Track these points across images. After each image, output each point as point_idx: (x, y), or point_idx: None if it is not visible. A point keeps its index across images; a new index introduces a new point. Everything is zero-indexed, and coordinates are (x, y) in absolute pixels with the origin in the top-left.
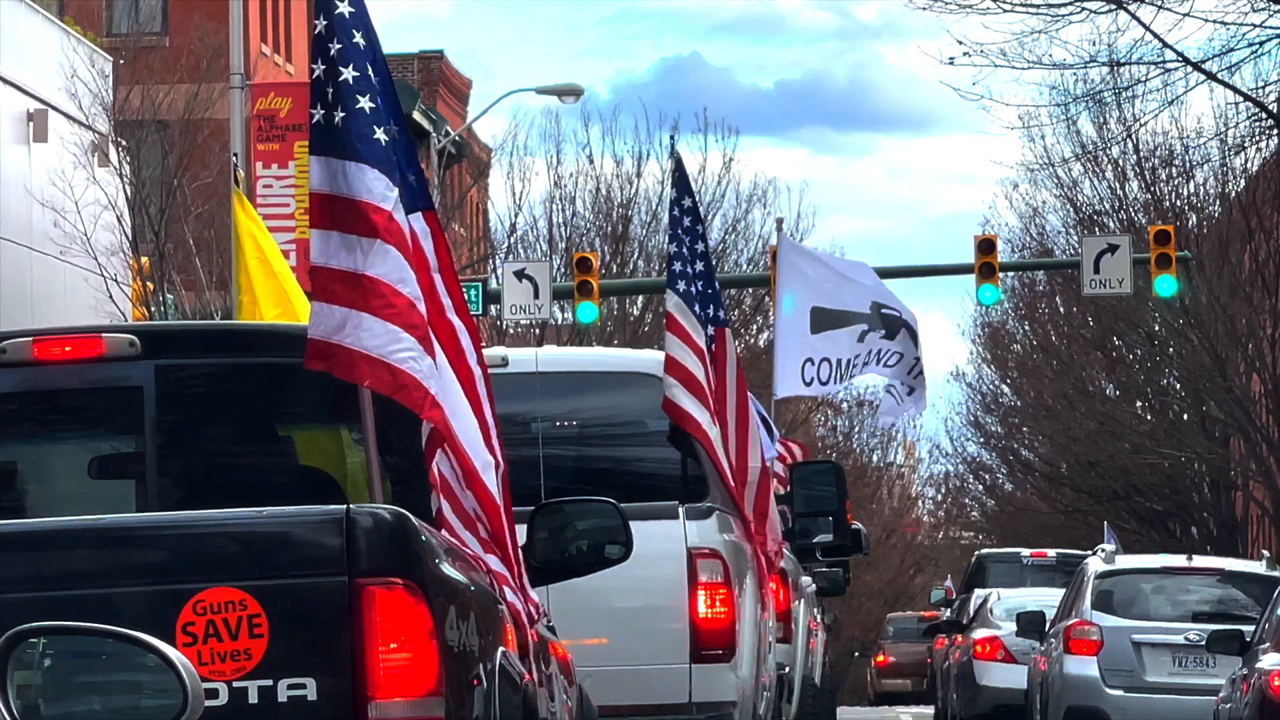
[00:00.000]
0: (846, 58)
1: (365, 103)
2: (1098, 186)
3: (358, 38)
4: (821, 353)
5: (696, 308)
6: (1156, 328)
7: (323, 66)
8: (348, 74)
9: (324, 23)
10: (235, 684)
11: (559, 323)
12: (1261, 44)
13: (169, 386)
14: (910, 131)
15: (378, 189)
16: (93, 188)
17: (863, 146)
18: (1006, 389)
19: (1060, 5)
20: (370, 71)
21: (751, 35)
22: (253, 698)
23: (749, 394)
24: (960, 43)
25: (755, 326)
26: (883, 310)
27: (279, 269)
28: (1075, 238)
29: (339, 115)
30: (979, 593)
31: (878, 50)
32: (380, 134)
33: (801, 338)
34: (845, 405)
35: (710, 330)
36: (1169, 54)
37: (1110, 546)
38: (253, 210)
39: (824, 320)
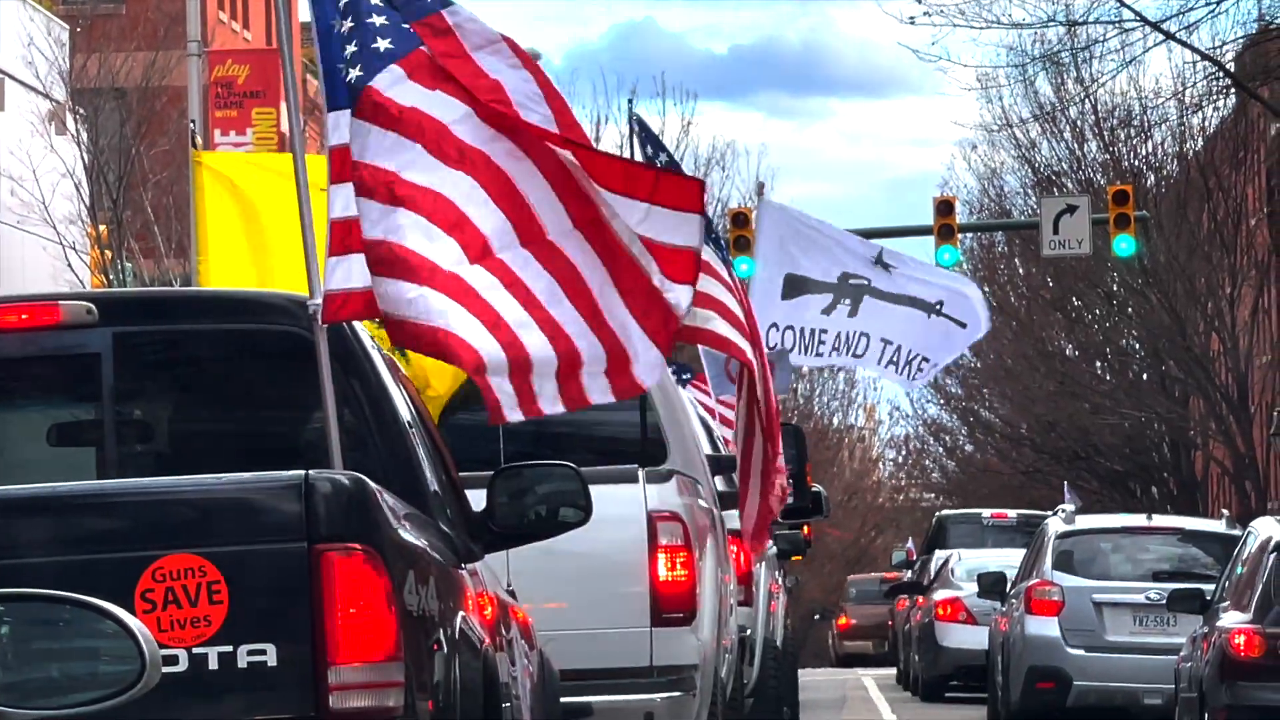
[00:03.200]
0: (801, 22)
1: (384, 44)
2: (1056, 147)
3: None
4: (788, 320)
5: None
6: (1115, 288)
7: (335, 20)
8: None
9: None
10: (195, 650)
11: None
12: (1219, 3)
13: (127, 353)
14: (866, 95)
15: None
16: (50, 156)
17: (819, 110)
18: (966, 350)
19: None
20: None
21: (705, 0)
22: (212, 664)
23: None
24: (919, 2)
25: None
26: (850, 281)
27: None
28: (1034, 199)
29: (355, 71)
30: (940, 554)
31: (831, 14)
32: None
33: (770, 302)
34: (805, 369)
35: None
36: (1126, 14)
37: (1070, 506)
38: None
39: (793, 287)
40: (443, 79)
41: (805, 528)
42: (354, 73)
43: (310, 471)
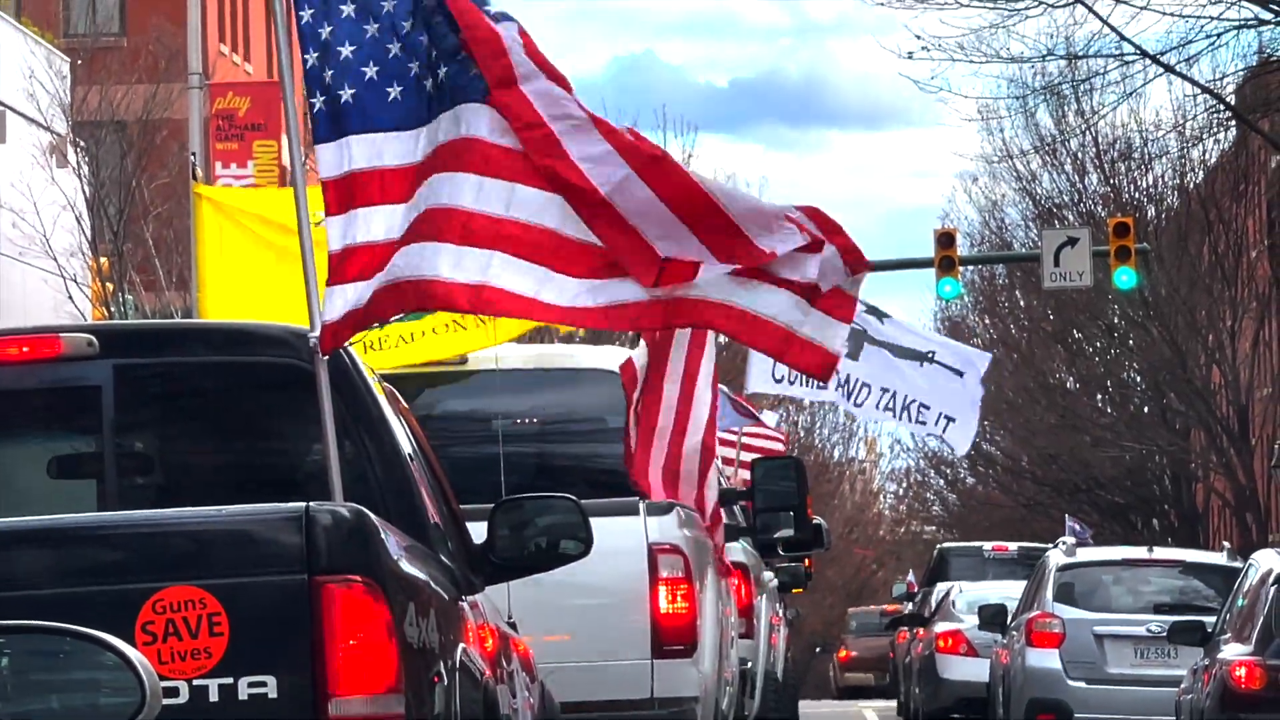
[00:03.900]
0: (800, 55)
1: (371, 71)
2: (1057, 179)
3: (346, 9)
4: None
5: None
6: (1116, 320)
7: (315, 54)
8: (346, 51)
9: (309, 11)
10: (195, 682)
11: None
12: (1219, 36)
13: (128, 386)
14: (865, 127)
15: (404, 148)
16: (51, 188)
17: (818, 142)
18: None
19: None
20: (369, 23)
21: (705, 33)
22: (213, 696)
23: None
24: (918, 37)
25: None
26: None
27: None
28: (1035, 231)
29: (346, 93)
30: (941, 586)
31: (831, 47)
32: (396, 91)
33: None
34: (807, 401)
35: None
36: (1127, 47)
37: (1072, 539)
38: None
39: None
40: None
41: (806, 560)
42: (345, 93)
43: (310, 503)
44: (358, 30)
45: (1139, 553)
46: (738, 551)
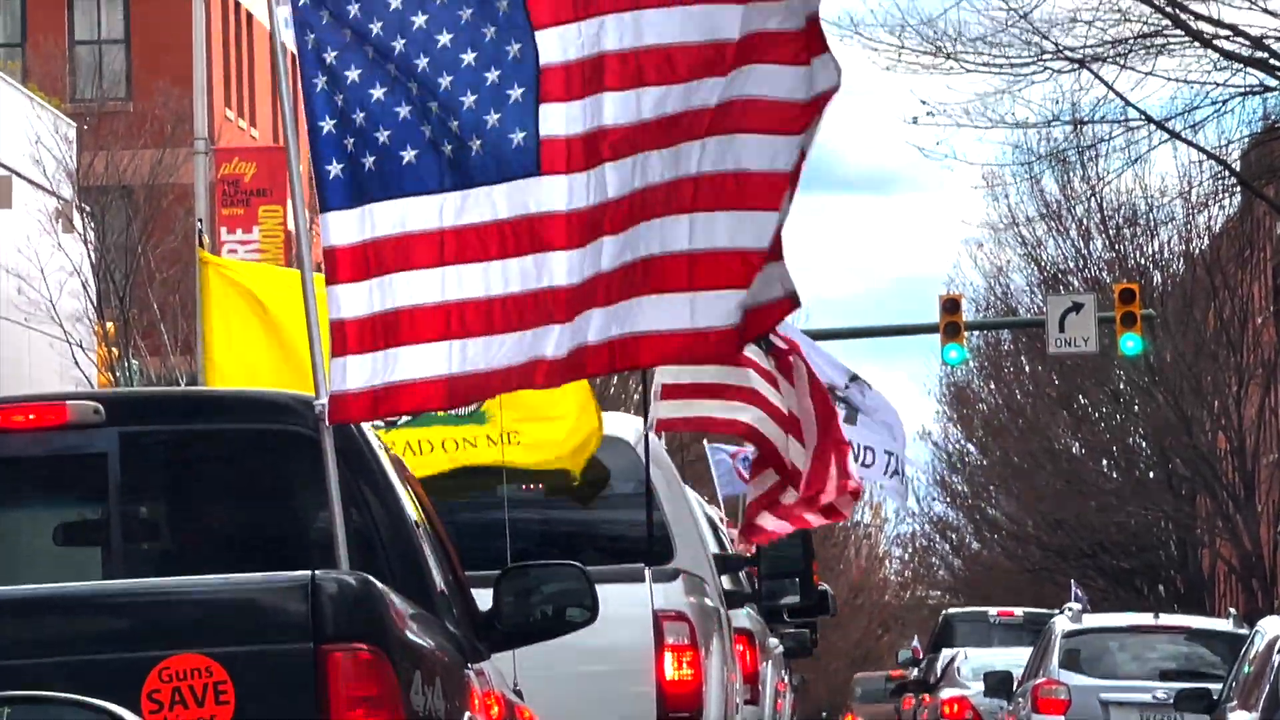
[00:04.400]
0: None
1: (384, 136)
2: (1062, 245)
3: (352, 75)
4: None
5: None
6: (1122, 386)
7: (333, 121)
8: (360, 119)
9: (323, 79)
10: None
11: None
12: (1224, 102)
13: (134, 453)
14: (870, 192)
15: (428, 211)
16: (57, 254)
17: (823, 207)
18: (973, 448)
19: (1023, 65)
20: (375, 87)
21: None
22: None
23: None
24: (924, 103)
25: None
26: (838, 393)
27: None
28: (1040, 296)
29: (369, 161)
30: (946, 652)
31: (836, 112)
32: (409, 154)
33: None
34: None
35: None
36: (1132, 113)
37: (1078, 605)
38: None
39: None
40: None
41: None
42: (368, 161)
43: (316, 572)
44: (367, 96)
45: (1145, 619)
46: (743, 618)
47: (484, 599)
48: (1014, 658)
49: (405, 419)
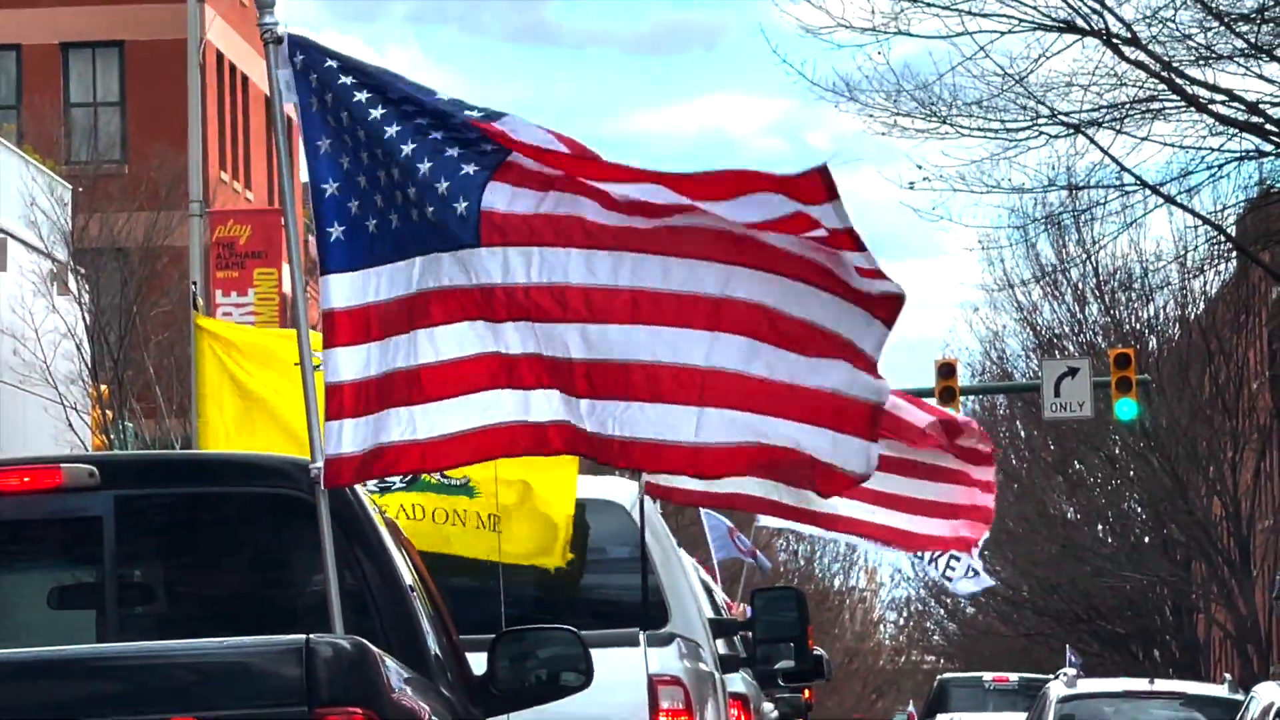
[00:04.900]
0: None
1: (382, 199)
2: (1057, 310)
3: (362, 134)
4: None
5: None
6: (1117, 451)
7: (336, 184)
8: (364, 182)
9: (327, 141)
10: None
11: None
12: (1220, 167)
13: (128, 517)
14: None
15: (430, 272)
16: (52, 316)
17: None
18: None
19: (1018, 130)
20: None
21: (704, 162)
22: None
23: None
24: (919, 167)
25: None
26: None
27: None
28: (1035, 361)
29: (371, 224)
30: (941, 718)
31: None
32: (416, 215)
33: None
34: (808, 532)
35: None
36: (1127, 177)
37: (1073, 670)
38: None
39: None
40: (544, 181)
41: (806, 691)
42: (370, 224)
43: (311, 635)
44: (364, 158)
45: (1140, 684)
46: (737, 682)
47: (479, 663)
48: None
49: (399, 485)
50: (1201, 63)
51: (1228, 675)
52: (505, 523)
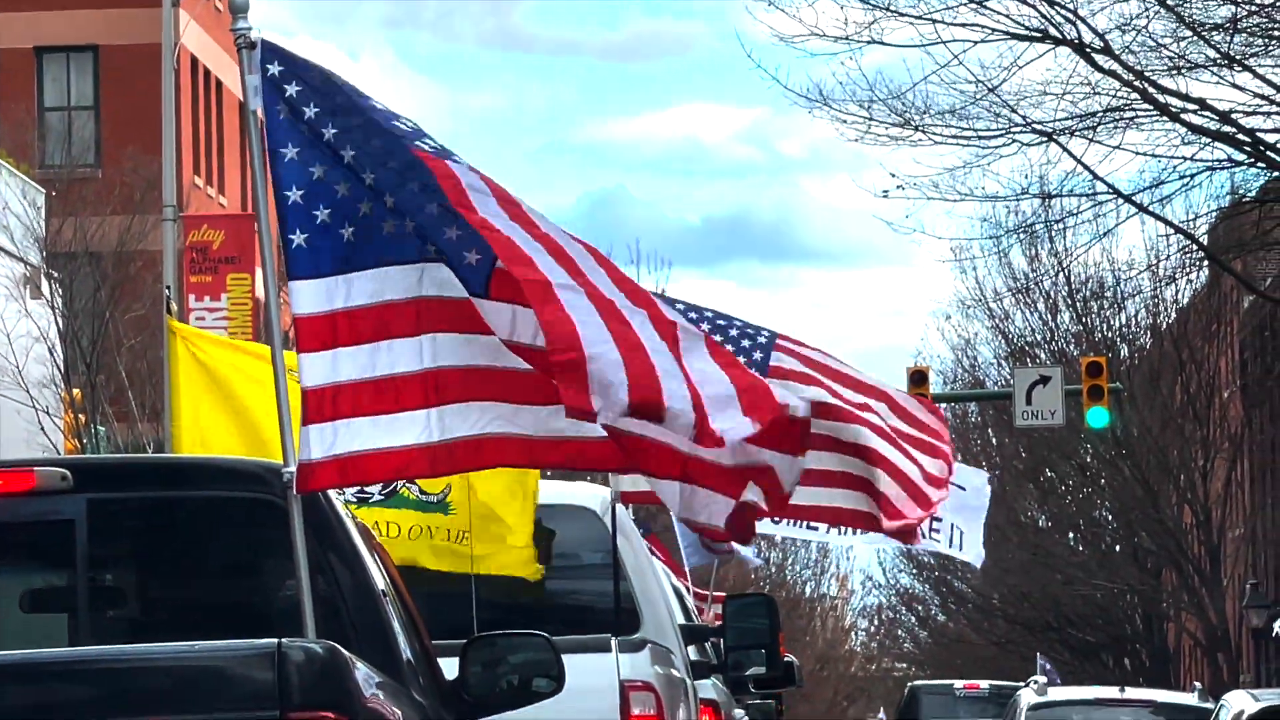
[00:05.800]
0: (773, 191)
1: (365, 208)
2: (1029, 318)
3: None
4: None
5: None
6: (1088, 459)
7: (300, 191)
8: (343, 189)
9: (293, 149)
10: None
11: None
12: (1192, 177)
13: (101, 520)
14: (838, 265)
15: (404, 283)
16: (25, 320)
17: (791, 279)
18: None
19: (992, 138)
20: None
21: (676, 169)
22: None
23: None
24: (893, 175)
25: None
26: None
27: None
28: (1007, 369)
29: (347, 231)
30: None
31: (804, 184)
32: (389, 225)
33: None
34: (779, 538)
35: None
36: (1100, 186)
37: (1043, 679)
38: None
39: None
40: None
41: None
42: (346, 231)
43: (283, 640)
44: (337, 167)
45: (1110, 692)
46: (708, 689)
47: (451, 668)
48: None
49: (377, 498)
50: (1174, 72)
51: (1198, 683)
52: (478, 538)
